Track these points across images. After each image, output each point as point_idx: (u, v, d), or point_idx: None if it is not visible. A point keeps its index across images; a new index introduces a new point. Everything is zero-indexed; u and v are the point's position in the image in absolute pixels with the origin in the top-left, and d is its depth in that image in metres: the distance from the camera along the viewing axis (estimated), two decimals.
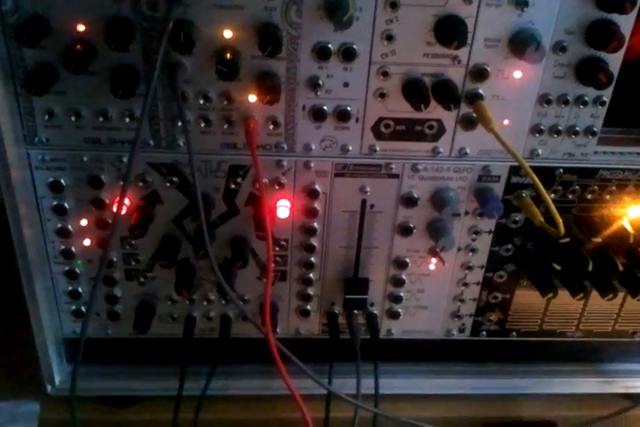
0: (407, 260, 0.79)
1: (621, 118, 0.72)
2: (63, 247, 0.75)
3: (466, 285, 0.82)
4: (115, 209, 0.69)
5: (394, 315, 0.84)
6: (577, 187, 0.76)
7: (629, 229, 0.77)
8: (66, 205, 0.72)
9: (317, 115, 0.68)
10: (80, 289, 0.79)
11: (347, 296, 0.81)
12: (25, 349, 0.80)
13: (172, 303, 0.81)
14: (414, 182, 0.74)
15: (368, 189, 0.74)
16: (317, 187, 0.73)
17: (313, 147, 0.70)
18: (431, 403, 0.89)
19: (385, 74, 0.66)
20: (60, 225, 0.74)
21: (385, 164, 0.72)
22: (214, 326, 0.82)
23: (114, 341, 0.84)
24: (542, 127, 0.70)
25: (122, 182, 0.66)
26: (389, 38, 0.64)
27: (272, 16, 0.62)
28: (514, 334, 0.88)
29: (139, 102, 0.64)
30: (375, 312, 0.83)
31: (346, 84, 0.66)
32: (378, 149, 0.71)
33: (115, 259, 0.77)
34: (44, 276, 0.77)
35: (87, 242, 0.75)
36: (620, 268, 0.78)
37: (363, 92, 0.67)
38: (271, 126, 0.68)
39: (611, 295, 0.80)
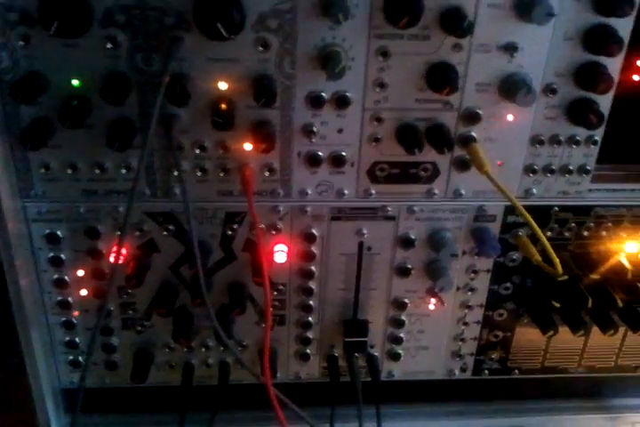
0: (406, 300, 0.79)
1: (614, 155, 0.73)
2: (60, 298, 0.75)
3: (466, 324, 0.82)
4: (111, 259, 0.69)
5: (394, 356, 0.83)
6: (573, 224, 0.76)
7: (627, 264, 0.77)
8: (62, 256, 0.72)
9: (312, 160, 0.68)
10: (77, 339, 0.78)
11: (346, 339, 0.80)
12: (22, 399, 0.79)
13: (170, 351, 0.80)
14: (411, 224, 0.74)
15: (365, 231, 0.74)
16: (314, 231, 0.73)
17: (309, 192, 0.70)
18: None
19: (378, 119, 0.67)
20: (56, 276, 0.73)
21: (381, 206, 0.73)
22: (213, 373, 0.82)
23: (112, 390, 0.83)
24: (536, 167, 0.71)
25: (118, 232, 0.66)
26: (382, 85, 0.64)
27: (266, 68, 0.62)
28: (516, 371, 0.87)
29: (135, 153, 0.65)
30: (376, 354, 0.83)
31: (340, 131, 0.67)
32: (373, 192, 0.71)
33: (112, 308, 0.76)
34: (41, 326, 0.76)
35: (84, 292, 0.75)
36: (620, 303, 0.78)
37: (357, 138, 0.68)
38: (267, 173, 0.69)
39: (612, 331, 0.80)
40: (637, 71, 0.69)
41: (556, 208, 0.75)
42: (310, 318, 0.80)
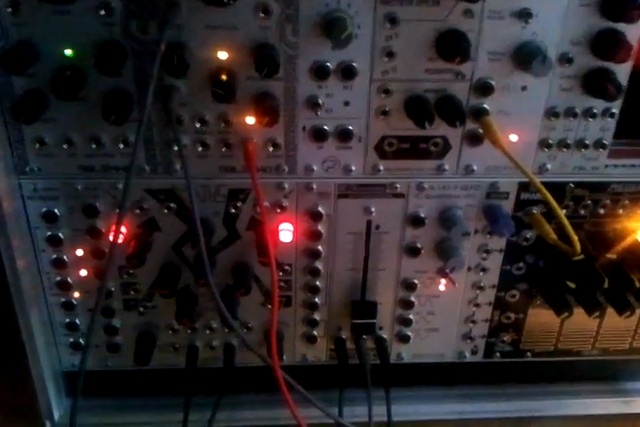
0: (416, 281, 0.77)
1: (632, 129, 0.70)
2: (59, 278, 0.73)
3: (477, 305, 0.80)
4: (111, 238, 0.67)
5: (404, 338, 0.81)
6: (588, 201, 0.74)
7: None
8: (60, 235, 0.70)
9: (318, 135, 0.66)
10: (78, 321, 0.76)
11: (354, 321, 0.78)
12: (22, 383, 0.78)
13: (174, 333, 0.78)
14: (420, 202, 0.72)
15: (373, 209, 0.71)
16: (320, 209, 0.71)
17: (314, 168, 0.68)
18: None
19: (386, 91, 0.64)
20: (54, 256, 0.72)
21: (389, 183, 0.70)
22: (218, 355, 0.80)
23: (114, 373, 0.81)
24: (550, 141, 0.68)
25: (118, 210, 0.64)
26: (390, 55, 0.62)
27: (267, 36, 0.60)
28: (528, 354, 0.85)
29: (132, 127, 0.62)
30: (384, 336, 0.81)
31: (346, 103, 0.64)
32: (382, 168, 0.69)
33: (113, 289, 0.75)
34: (40, 308, 0.74)
35: (84, 272, 0.73)
36: (637, 284, 0.75)
37: (364, 111, 0.65)
38: (271, 148, 0.66)
39: (628, 312, 0.78)
40: None
41: (572, 185, 0.72)
42: (317, 300, 0.78)
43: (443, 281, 0.77)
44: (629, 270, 0.76)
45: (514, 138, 0.67)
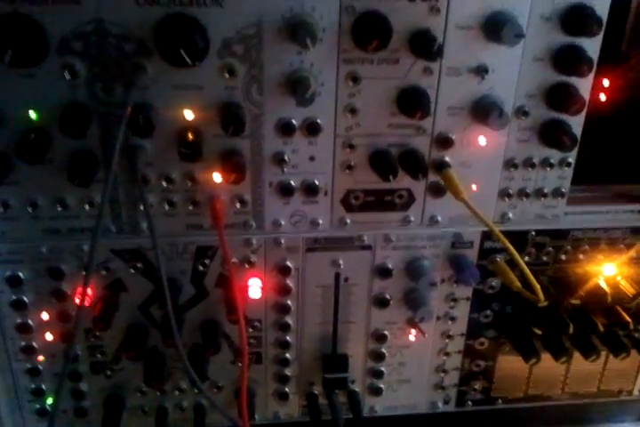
0: (386, 332, 0.77)
1: (588, 176, 0.72)
2: (24, 344, 0.71)
3: (447, 354, 0.80)
4: (78, 301, 0.66)
5: (376, 391, 0.81)
6: (550, 248, 0.75)
7: (606, 288, 0.76)
8: (25, 299, 0.69)
9: (285, 190, 0.66)
10: (43, 386, 0.74)
11: (326, 375, 0.77)
12: None
13: (142, 395, 0.77)
14: (387, 253, 0.72)
15: (341, 262, 0.72)
16: (289, 263, 0.71)
17: (282, 223, 0.68)
18: None
19: (351, 146, 0.65)
20: (19, 320, 0.70)
21: (357, 236, 0.71)
22: (188, 417, 0.78)
23: None
24: (511, 191, 0.70)
25: (84, 272, 0.63)
26: (353, 111, 0.63)
27: (233, 95, 0.61)
28: (499, 401, 0.85)
29: (98, 188, 0.62)
30: (357, 390, 0.80)
31: (312, 158, 0.65)
32: (348, 221, 0.69)
33: (79, 352, 0.73)
34: (4, 374, 0.72)
35: (49, 336, 0.71)
36: (601, 328, 0.77)
37: (330, 166, 0.66)
38: (238, 205, 0.66)
39: (594, 356, 0.79)
40: (607, 91, 0.69)
41: (533, 233, 0.74)
42: (288, 355, 0.77)
43: (413, 331, 0.77)
44: (593, 315, 0.77)
45: (475, 188, 0.69)
